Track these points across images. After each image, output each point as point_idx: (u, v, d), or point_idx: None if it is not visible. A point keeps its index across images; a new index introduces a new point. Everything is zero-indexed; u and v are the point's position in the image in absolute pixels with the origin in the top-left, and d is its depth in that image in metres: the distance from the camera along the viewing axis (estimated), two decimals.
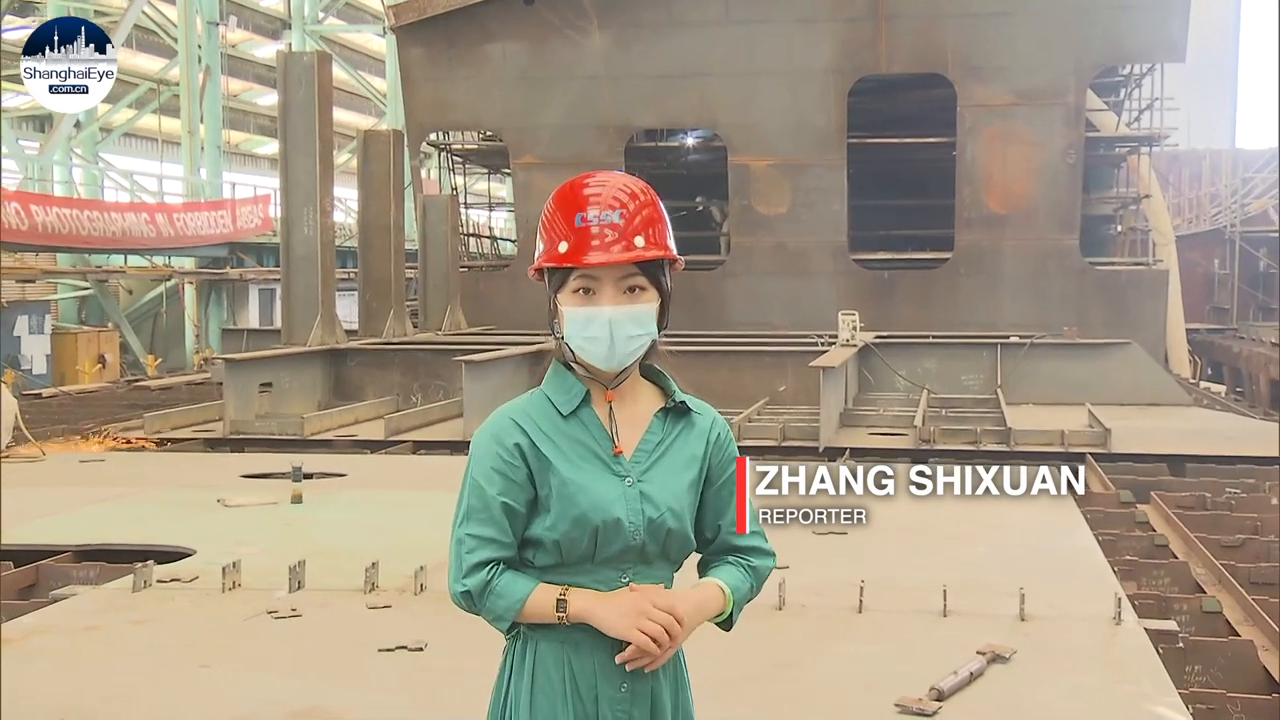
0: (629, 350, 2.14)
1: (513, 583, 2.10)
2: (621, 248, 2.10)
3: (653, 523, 2.13)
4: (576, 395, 2.17)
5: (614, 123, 18.99)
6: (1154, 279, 18.51)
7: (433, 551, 6.20)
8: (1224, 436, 11.58)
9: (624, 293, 2.13)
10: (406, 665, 4.55)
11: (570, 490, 2.11)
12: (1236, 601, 6.25)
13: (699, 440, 2.23)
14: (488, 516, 2.11)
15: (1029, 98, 17.77)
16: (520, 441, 2.13)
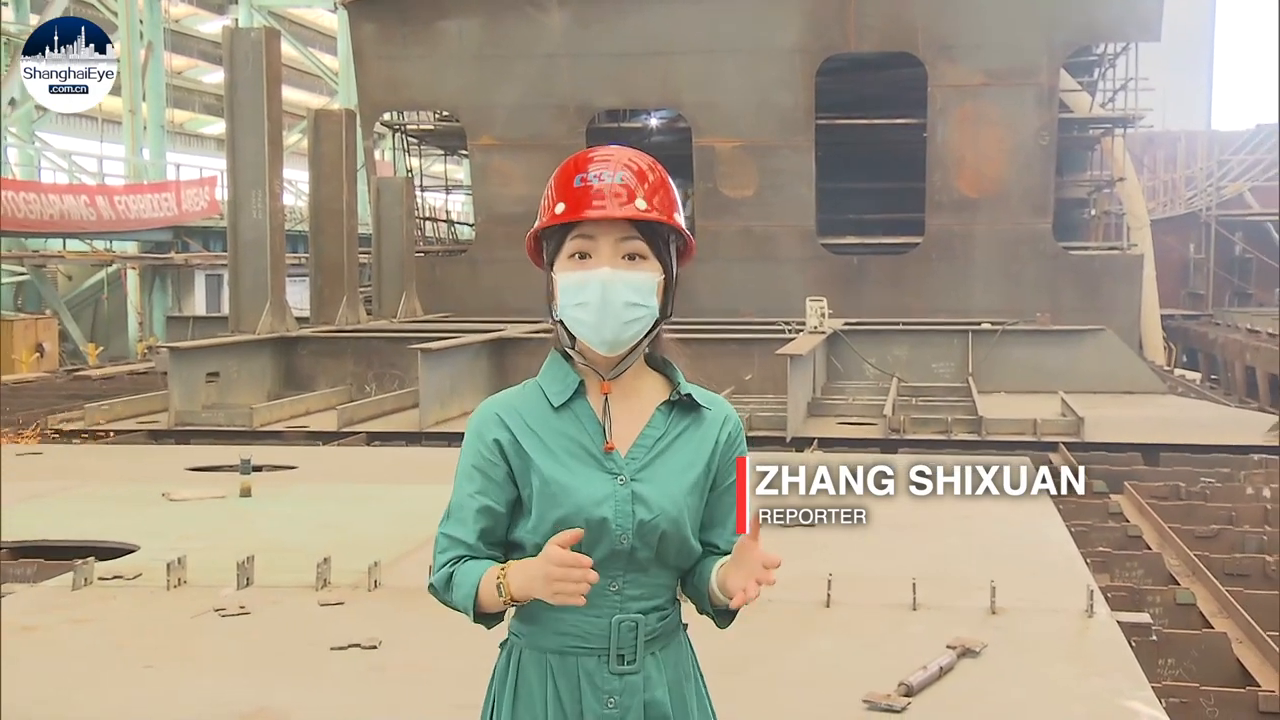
0: (624, 320, 2.01)
1: (469, 570, 2.03)
2: (621, 206, 1.99)
3: (644, 525, 2.02)
4: (570, 385, 2.08)
5: (574, 102, 18.97)
6: (1128, 264, 18.71)
7: (387, 546, 6.19)
8: (1199, 425, 11.72)
9: (623, 258, 2.01)
10: (359, 664, 4.53)
11: (552, 490, 2.01)
12: (1210, 593, 6.33)
13: (706, 437, 2.11)
14: (462, 517, 2.06)
15: (1001, 78, 17.88)
16: (500, 437, 2.06)
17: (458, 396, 12.69)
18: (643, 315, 2.03)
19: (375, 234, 18.21)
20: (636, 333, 2.04)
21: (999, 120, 17.96)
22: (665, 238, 2.06)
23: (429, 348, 12.20)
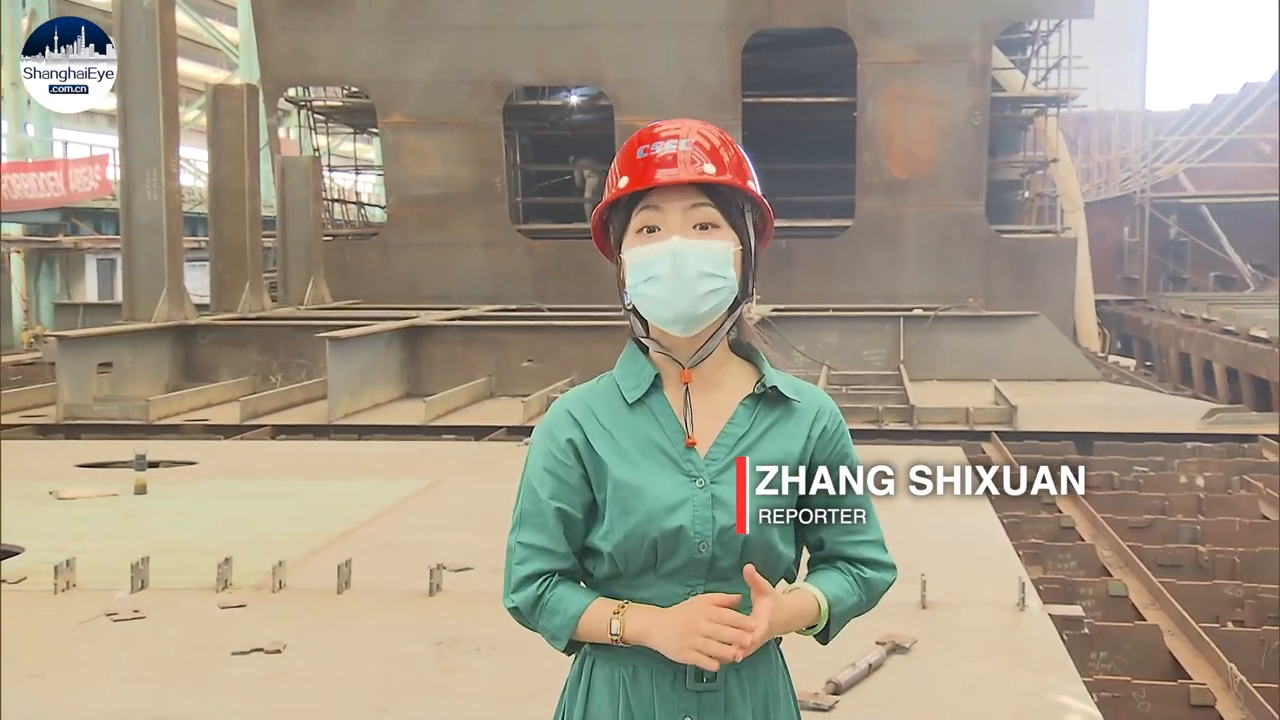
0: (698, 293, 1.92)
1: (567, 597, 1.96)
2: (688, 169, 1.92)
3: (726, 532, 1.93)
4: (645, 379, 2.00)
5: (490, 78, 18.85)
6: (1062, 248, 19.02)
7: (293, 545, 6.13)
8: (1133, 412, 11.97)
9: (694, 228, 1.93)
10: (263, 669, 4.49)
11: (624, 495, 1.94)
12: (1143, 585, 6.47)
13: (797, 433, 2.00)
14: (540, 523, 1.98)
15: (932, 55, 18.07)
16: (574, 437, 1.98)
17: (368, 387, 12.59)
18: (720, 287, 1.94)
19: (280, 216, 17.98)
20: (714, 307, 1.95)
21: (930, 99, 18.15)
22: (739, 207, 1.98)
23: (338, 336, 12.09)
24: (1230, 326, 17.26)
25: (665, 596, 1.94)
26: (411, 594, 5.38)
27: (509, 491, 6.54)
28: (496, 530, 6.90)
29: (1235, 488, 8.91)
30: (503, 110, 19.14)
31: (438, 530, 6.73)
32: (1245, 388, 15.91)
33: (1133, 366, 21.34)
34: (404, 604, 5.28)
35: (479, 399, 13.18)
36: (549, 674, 4.36)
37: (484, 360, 13.96)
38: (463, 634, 4.83)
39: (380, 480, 8.19)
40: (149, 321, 13.84)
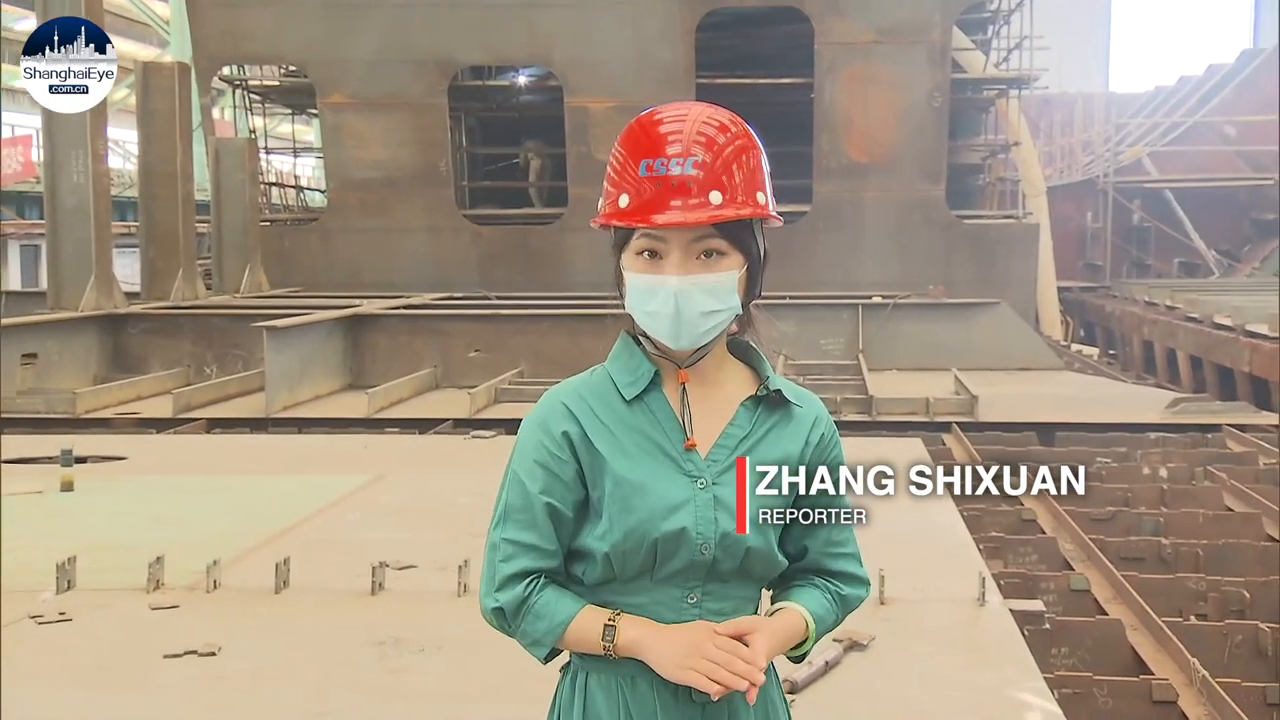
0: (701, 330, 1.92)
1: (555, 602, 1.93)
2: (693, 209, 1.88)
3: (729, 536, 1.93)
4: (644, 376, 1.98)
5: (434, 58, 18.74)
6: (1024, 233, 19.16)
7: (228, 543, 6.09)
8: (1096, 402, 12.10)
9: (696, 258, 1.91)
10: (196, 672, 4.45)
11: (625, 492, 1.92)
12: (1105, 578, 6.55)
13: (795, 437, 2.02)
14: (529, 519, 1.95)
15: (891, 35, 18.14)
16: (570, 430, 1.95)
17: (308, 379, 12.52)
18: (722, 321, 1.95)
19: (214, 201, 17.81)
20: (713, 331, 1.95)
21: (890, 80, 18.23)
22: (747, 221, 1.96)
23: (276, 325, 12.01)
24: (1194, 314, 17.46)
25: (660, 602, 1.93)
26: (353, 593, 5.36)
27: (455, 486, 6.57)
28: (441, 526, 6.92)
29: (1199, 479, 9.03)
30: (448, 91, 19.03)
31: (380, 527, 6.70)
32: (1209, 376, 16.12)
33: (1096, 355, 21.58)
34: (345, 603, 5.25)
35: (424, 391, 13.14)
36: (496, 674, 4.37)
37: (429, 350, 13.91)
38: (406, 634, 4.81)
39: (320, 475, 8.14)
40: (76, 310, 13.70)
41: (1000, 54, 22.32)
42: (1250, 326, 14.97)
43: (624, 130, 1.98)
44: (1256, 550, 7.13)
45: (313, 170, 30.87)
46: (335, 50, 18.74)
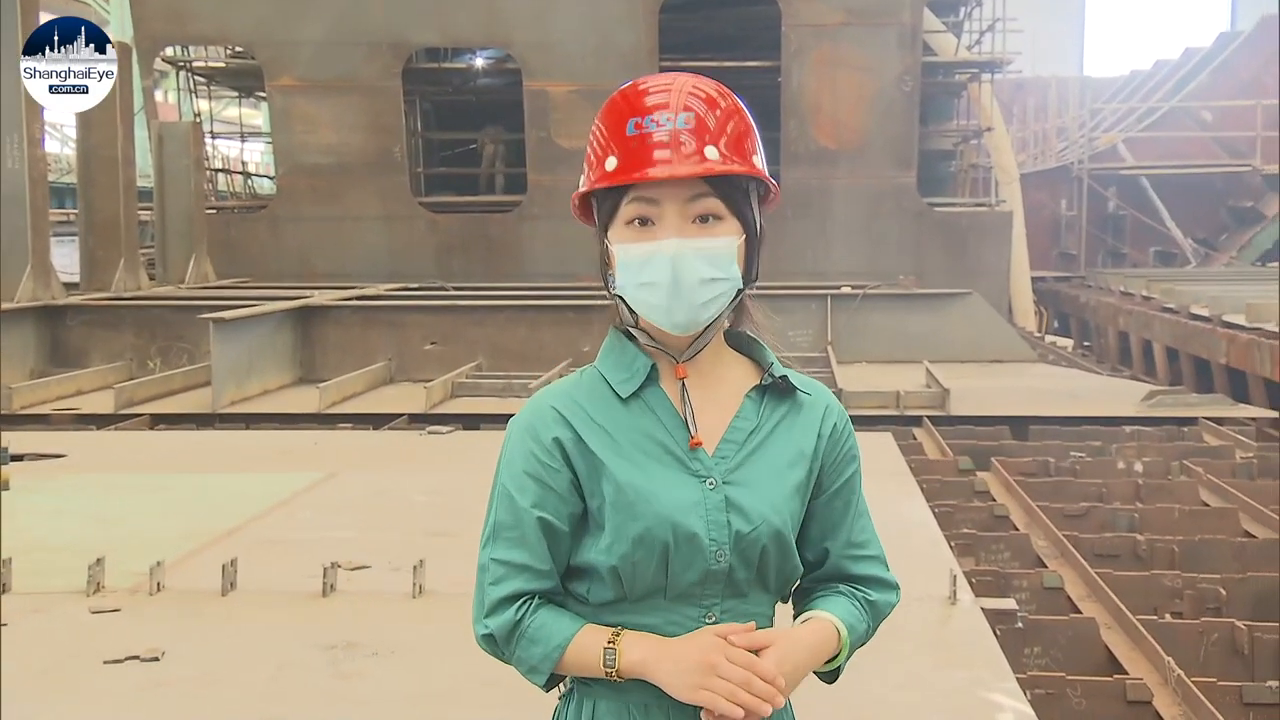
0: (700, 300, 1.82)
1: (550, 624, 1.83)
2: (687, 159, 1.79)
3: (743, 539, 1.83)
4: (639, 372, 1.88)
5: (388, 39, 18.66)
6: (997, 221, 19.28)
7: (173, 543, 6.05)
8: (1069, 395, 12.18)
9: (692, 223, 1.82)
10: (139, 678, 4.42)
11: (629, 498, 1.81)
12: (1079, 575, 6.60)
13: (807, 430, 1.93)
14: (519, 536, 1.85)
15: (861, 16, 18.18)
16: (561, 435, 1.85)
17: (257, 373, 12.46)
18: (723, 292, 1.84)
19: (157, 187, 17.69)
20: (716, 310, 1.85)
21: (859, 64, 18.27)
22: (744, 188, 1.88)
23: (222, 317, 11.93)
24: (1170, 304, 17.61)
25: (676, 622, 1.83)
26: (303, 595, 5.34)
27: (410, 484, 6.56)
28: (396, 525, 6.90)
29: (1175, 473, 9.12)
30: (402, 73, 18.95)
31: (332, 526, 6.68)
32: (1186, 368, 16.26)
33: (1070, 346, 21.72)
34: (294, 606, 5.23)
35: (378, 385, 13.10)
36: (452, 679, 4.37)
37: (383, 343, 13.87)
38: (359, 637, 4.80)
39: (269, 473, 8.10)
40: (12, 301, 13.58)
41: (972, 37, 22.43)
42: (1227, 317, 15.11)
43: (604, 104, 1.89)
44: (1233, 546, 7.20)
45: (261, 156, 30.68)
46: (284, 31, 18.63)
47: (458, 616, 5.00)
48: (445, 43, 20.25)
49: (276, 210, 19.49)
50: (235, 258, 18.78)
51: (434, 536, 6.36)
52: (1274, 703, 5.02)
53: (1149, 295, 19.16)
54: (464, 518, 6.79)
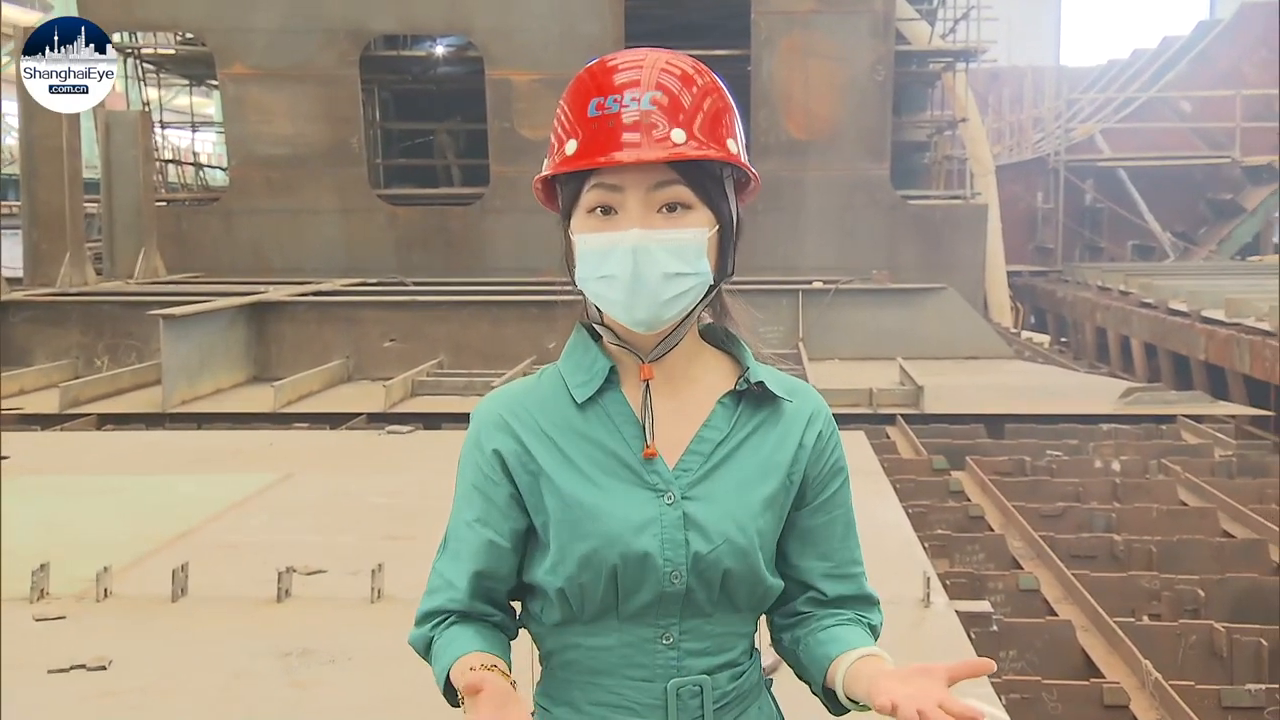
0: (664, 297, 1.71)
1: (449, 645, 1.77)
2: (652, 143, 1.68)
3: (702, 560, 1.73)
4: (598, 374, 1.79)
5: (345, 26, 18.57)
6: (972, 215, 19.34)
7: (121, 548, 6.02)
8: (1046, 393, 12.25)
9: (658, 212, 1.71)
10: (85, 688, 4.40)
11: (576, 516, 1.73)
12: (1055, 577, 6.64)
13: (785, 440, 1.83)
14: (459, 549, 1.80)
15: (832, 3, 18.20)
16: (502, 447, 1.78)
17: (209, 371, 12.40)
18: (690, 287, 1.73)
19: (105, 179, 17.56)
20: (684, 307, 1.75)
21: (831, 52, 18.29)
22: (717, 175, 1.77)
23: (173, 313, 11.86)
24: (1149, 299, 17.72)
25: (630, 644, 1.76)
26: (256, 601, 5.32)
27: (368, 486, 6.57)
28: (353, 528, 6.87)
29: (1153, 472, 9.19)
30: (360, 62, 18.86)
31: (287, 529, 6.65)
32: (1164, 364, 16.36)
33: (1047, 343, 21.85)
34: (248, 612, 5.21)
35: (335, 383, 13.06)
36: (410, 687, 4.35)
37: (340, 340, 13.82)
38: (315, 644, 4.78)
39: (222, 474, 8.07)
40: None
41: (946, 25, 22.51)
42: (1206, 312, 15.21)
43: (570, 83, 1.80)
44: (1211, 547, 7.26)
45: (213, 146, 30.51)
46: (236, 17, 18.51)
47: None
48: (404, 30, 20.17)
49: (229, 203, 19.37)
50: (186, 252, 18.66)
51: (393, 540, 6.34)
52: (1253, 706, 5.06)
53: (1127, 290, 19.28)
54: (424, 520, 6.78)
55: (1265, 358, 12.95)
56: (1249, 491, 8.51)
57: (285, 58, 18.50)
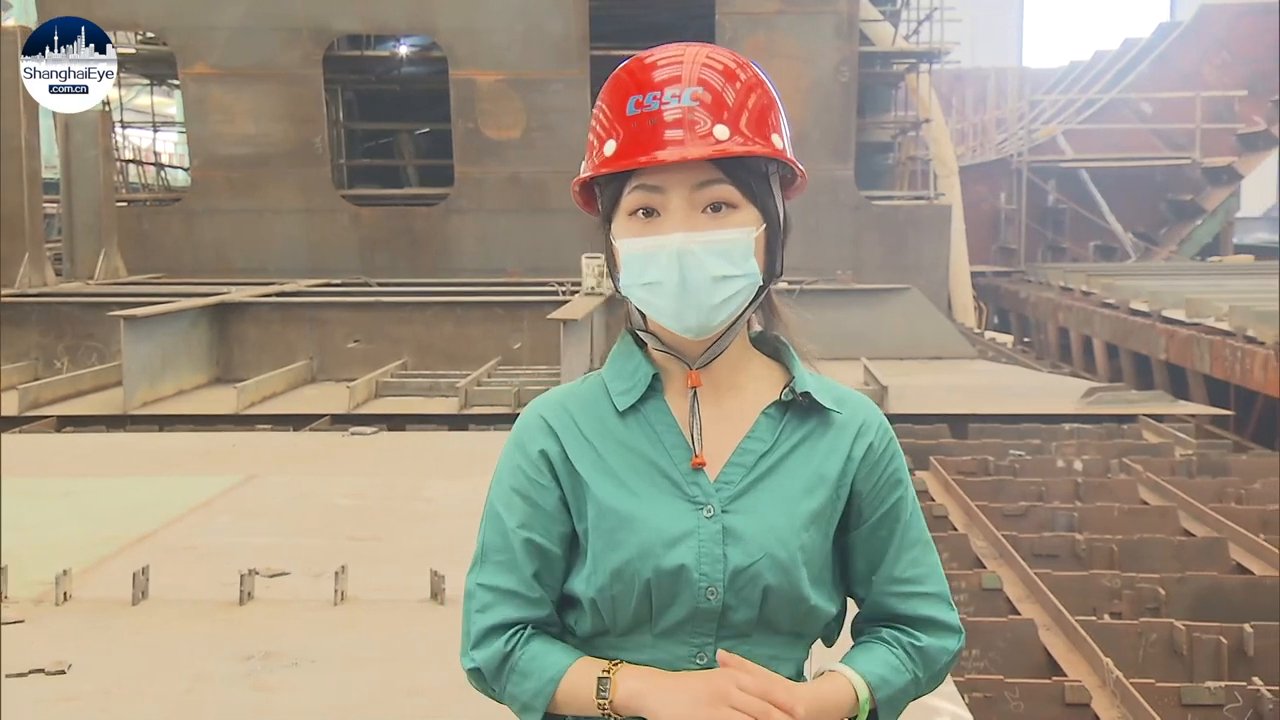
0: (713, 301, 1.66)
1: (543, 655, 1.70)
2: (695, 140, 1.63)
3: (740, 575, 1.67)
4: (640, 381, 1.75)
5: (308, 25, 18.50)
6: (936, 215, 19.42)
7: (81, 551, 5.97)
8: (1009, 392, 12.32)
9: (702, 212, 1.66)
10: (44, 693, 4.36)
11: (610, 524, 1.68)
12: (1018, 576, 6.68)
13: (833, 452, 1.75)
14: (508, 560, 1.73)
15: (796, 4, 18.26)
16: (548, 448, 1.74)
17: (171, 372, 12.32)
18: (739, 290, 1.68)
19: (64, 179, 17.43)
20: (734, 310, 1.70)
21: (795, 53, 18.33)
22: (762, 171, 1.72)
23: (134, 314, 11.78)
24: (1110, 300, 17.85)
25: (664, 661, 1.69)
26: (218, 603, 5.29)
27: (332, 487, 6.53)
28: (317, 530, 6.83)
29: (1114, 471, 9.25)
30: (323, 61, 18.79)
31: (250, 531, 6.62)
32: (1126, 364, 16.49)
33: (1010, 342, 21.97)
34: (210, 615, 5.18)
35: (298, 384, 13.00)
36: (374, 690, 4.35)
37: (304, 341, 13.76)
38: (278, 647, 4.76)
39: (184, 476, 8.03)
40: None
41: (910, 26, 22.60)
42: (1167, 312, 15.34)
43: (608, 80, 1.75)
44: (1172, 545, 7.31)
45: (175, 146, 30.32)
46: (198, 16, 18.41)
47: (380, 624, 5.01)
48: (368, 29, 20.09)
49: (191, 203, 19.26)
50: (148, 253, 18.55)
51: (357, 541, 6.32)
52: (1212, 704, 5.10)
53: (1089, 290, 19.41)
54: (388, 521, 6.78)
55: (1225, 358, 13.07)
56: (1209, 490, 8.59)
57: (247, 57, 18.41)
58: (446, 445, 9.61)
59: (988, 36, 38.73)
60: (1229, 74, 30.34)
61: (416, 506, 7.15)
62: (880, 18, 21.24)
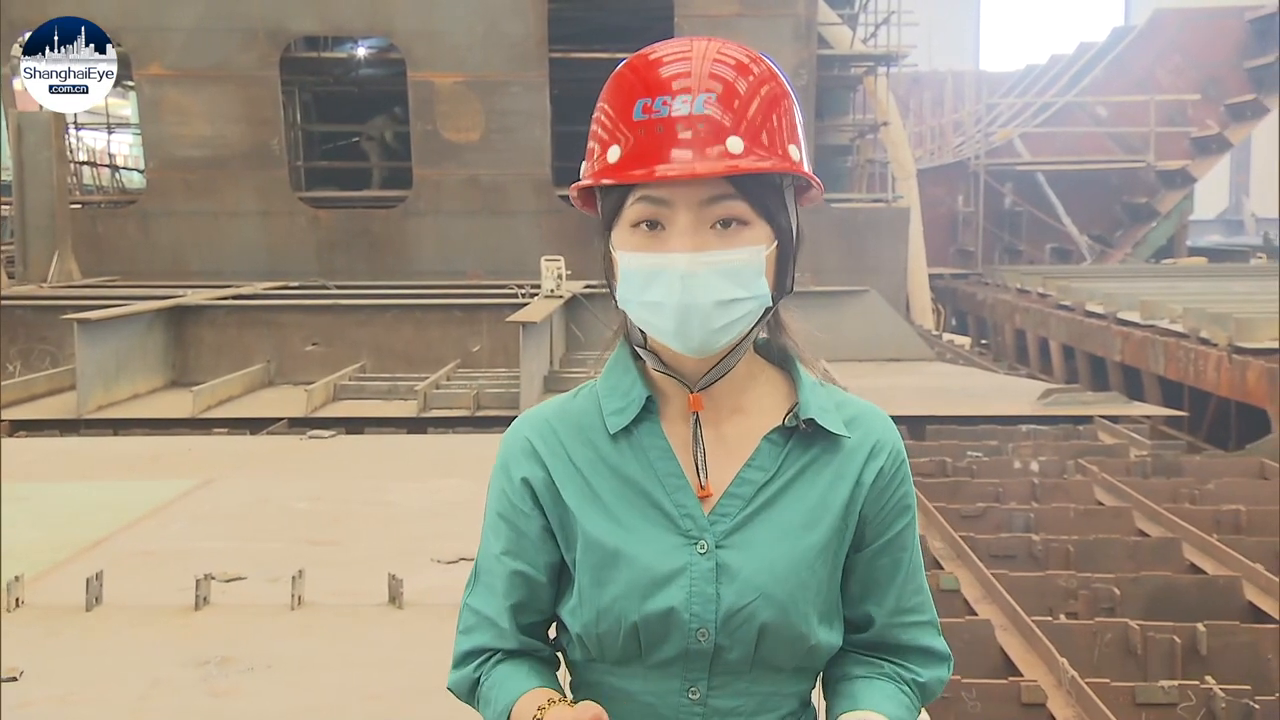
0: (717, 325, 1.55)
1: (502, 684, 1.65)
2: (705, 154, 1.50)
3: (734, 616, 1.57)
4: (633, 403, 1.64)
5: (265, 26, 18.40)
6: (894, 218, 19.52)
7: (33, 556, 5.92)
8: (967, 394, 12.40)
9: (711, 228, 1.54)
10: None
11: (597, 559, 1.60)
12: (975, 577, 6.73)
13: (842, 479, 1.64)
14: (489, 583, 1.69)
15: (755, 7, 18.32)
16: (530, 475, 1.65)
17: (126, 375, 12.23)
18: (745, 313, 1.57)
19: (16, 181, 17.25)
20: (740, 332, 1.59)
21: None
22: (776, 184, 1.60)
23: (88, 317, 11.69)
24: (1066, 302, 17.99)
25: (653, 692, 1.62)
26: (174, 608, 5.25)
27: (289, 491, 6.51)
28: (274, 535, 6.80)
29: (1070, 472, 9.32)
30: (280, 63, 18.69)
31: (206, 536, 6.57)
32: (1082, 366, 16.62)
33: (968, 344, 22.10)
34: (165, 620, 5.14)
35: (255, 388, 12.92)
36: (332, 695, 4.33)
37: (261, 344, 13.69)
38: (234, 652, 4.73)
39: (139, 481, 7.96)
40: None
41: (868, 29, 22.69)
42: (1122, 314, 15.47)
43: (610, 77, 1.62)
44: (1126, 545, 7.38)
45: (130, 148, 30.09)
46: (152, 16, 18.28)
47: (338, 629, 4.99)
48: (325, 31, 20.01)
49: (147, 205, 19.12)
50: (103, 255, 18.41)
51: (315, 545, 6.29)
52: (1166, 703, 5.15)
53: (1045, 293, 19.56)
54: (346, 525, 6.75)
55: (1179, 359, 13.19)
56: (1163, 491, 8.67)
57: (203, 58, 18.29)
58: (405, 448, 9.58)
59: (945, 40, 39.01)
60: (1182, 78, 30.64)
61: (375, 510, 7.12)
62: (838, 21, 21.32)
